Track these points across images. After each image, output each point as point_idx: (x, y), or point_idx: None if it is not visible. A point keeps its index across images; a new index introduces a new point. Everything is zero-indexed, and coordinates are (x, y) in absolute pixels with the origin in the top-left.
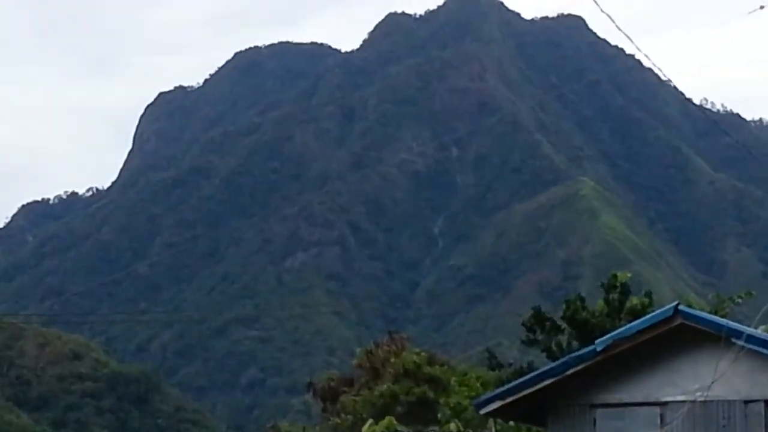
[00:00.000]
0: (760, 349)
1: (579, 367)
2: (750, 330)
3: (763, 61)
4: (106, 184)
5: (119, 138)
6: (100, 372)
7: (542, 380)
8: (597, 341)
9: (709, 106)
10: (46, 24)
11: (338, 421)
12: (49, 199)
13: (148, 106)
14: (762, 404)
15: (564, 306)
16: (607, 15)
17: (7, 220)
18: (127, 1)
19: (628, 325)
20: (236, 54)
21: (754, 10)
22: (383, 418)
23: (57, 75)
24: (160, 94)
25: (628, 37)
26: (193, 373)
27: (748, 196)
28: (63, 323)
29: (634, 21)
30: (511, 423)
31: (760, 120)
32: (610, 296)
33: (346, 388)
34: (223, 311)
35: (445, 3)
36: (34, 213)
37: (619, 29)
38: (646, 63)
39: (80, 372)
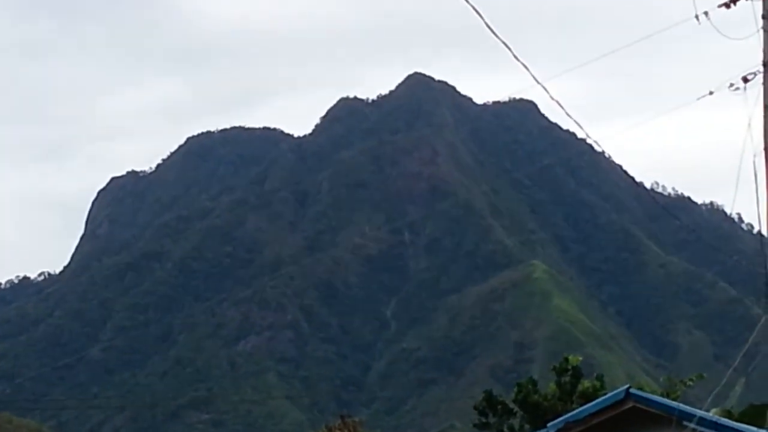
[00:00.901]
0: (710, 431)
1: None
2: (701, 413)
3: (713, 145)
4: (58, 269)
5: (71, 223)
6: None
7: None
8: (549, 424)
9: (660, 189)
10: None
11: None
12: (0, 284)
13: (100, 191)
14: None
15: (516, 389)
16: (557, 102)
17: None
18: (78, 88)
19: (580, 408)
20: (188, 139)
21: (703, 96)
22: None
23: (7, 162)
24: (113, 179)
25: (578, 124)
26: None
27: (699, 278)
28: (15, 408)
29: (586, 106)
30: None
31: (711, 203)
32: (562, 379)
33: None
34: (176, 395)
35: (397, 87)
36: None
37: (569, 116)
38: (598, 147)
39: None
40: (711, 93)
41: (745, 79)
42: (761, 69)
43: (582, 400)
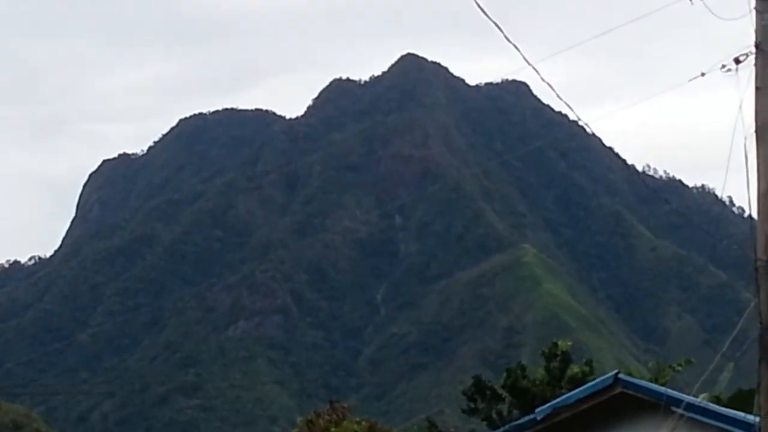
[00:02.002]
0: (700, 417)
1: None
2: (690, 398)
3: (705, 127)
4: (49, 253)
5: (62, 206)
6: None
7: None
8: (537, 410)
9: (651, 172)
10: None
11: None
12: None
13: (91, 174)
14: None
15: (505, 374)
16: (548, 84)
17: None
18: (69, 69)
19: (569, 394)
20: (180, 121)
21: (695, 78)
22: None
23: None
24: (104, 161)
25: (569, 106)
26: None
27: (689, 262)
28: (4, 394)
29: (577, 87)
30: None
31: (702, 186)
32: (551, 364)
33: None
34: (165, 380)
35: (389, 69)
36: None
37: (560, 98)
38: (589, 129)
39: None
40: (703, 75)
41: (737, 61)
42: (753, 50)
43: (571, 386)
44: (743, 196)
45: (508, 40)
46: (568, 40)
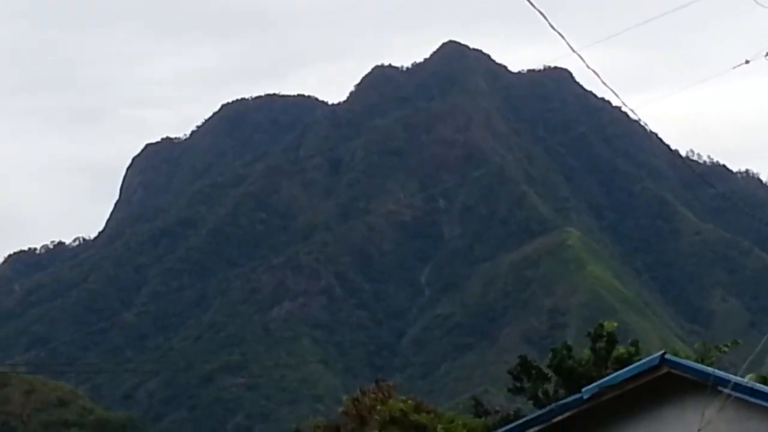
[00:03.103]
0: (747, 397)
1: (566, 415)
2: (737, 378)
3: (749, 113)
4: (93, 235)
5: (106, 189)
6: (86, 419)
7: (529, 428)
8: (584, 389)
9: (695, 158)
10: (33, 78)
11: None
12: (35, 249)
13: (135, 158)
14: None
15: (550, 354)
16: (593, 70)
17: None
18: (113, 55)
19: (615, 374)
20: (223, 106)
21: (740, 65)
22: None
23: (44, 128)
24: (147, 145)
25: (613, 92)
26: (180, 420)
27: (734, 246)
28: (49, 372)
29: (620, 73)
30: None
31: (746, 171)
32: (597, 345)
33: None
34: (210, 359)
35: (431, 56)
36: (20, 263)
37: (605, 84)
38: (633, 115)
39: (66, 419)
40: (747, 62)
41: None
42: None
43: (617, 366)
44: None
45: (552, 27)
46: (608, 29)
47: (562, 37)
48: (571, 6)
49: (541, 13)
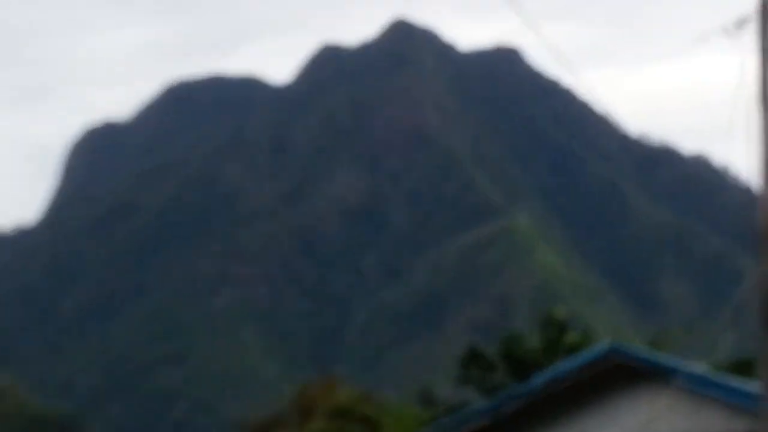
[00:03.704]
0: (698, 387)
1: (515, 405)
2: (687, 366)
3: (701, 94)
4: (31, 220)
5: (45, 172)
6: (22, 412)
7: (477, 418)
8: (533, 378)
9: (647, 140)
10: None
11: None
12: None
13: (75, 140)
14: None
15: (499, 343)
16: (548, 46)
17: None
18: (54, 31)
19: (563, 364)
20: (166, 86)
21: (697, 42)
22: None
23: None
24: (88, 128)
25: (567, 69)
26: (120, 411)
27: (686, 230)
28: None
29: (573, 52)
30: None
31: (699, 154)
32: (547, 333)
33: (276, 428)
34: (150, 349)
35: (379, 35)
36: None
37: (559, 61)
38: (584, 96)
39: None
40: (704, 39)
41: (740, 24)
42: (756, 14)
43: (567, 354)
44: (741, 164)
45: None
46: (561, 5)
47: (515, 10)
48: None
49: None
